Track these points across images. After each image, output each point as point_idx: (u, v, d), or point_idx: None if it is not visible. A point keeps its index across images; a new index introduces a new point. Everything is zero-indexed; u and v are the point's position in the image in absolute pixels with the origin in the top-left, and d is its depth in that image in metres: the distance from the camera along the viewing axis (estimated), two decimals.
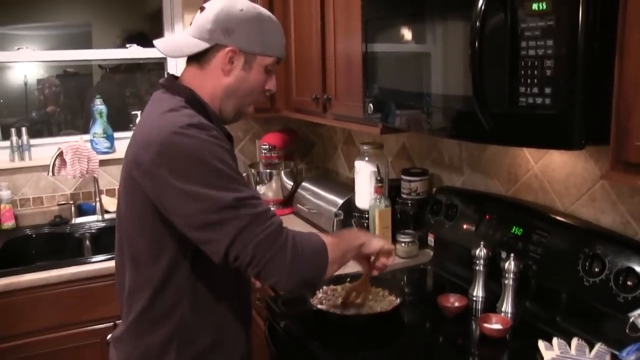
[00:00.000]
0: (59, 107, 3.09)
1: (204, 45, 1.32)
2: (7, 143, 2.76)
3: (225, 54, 1.32)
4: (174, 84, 1.37)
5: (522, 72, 1.17)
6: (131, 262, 1.34)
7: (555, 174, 1.74)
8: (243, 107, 1.42)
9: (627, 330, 1.25)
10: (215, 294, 1.36)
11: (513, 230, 1.74)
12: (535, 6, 1.13)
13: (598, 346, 1.37)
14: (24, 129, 2.75)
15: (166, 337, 1.33)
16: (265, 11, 1.38)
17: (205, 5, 1.36)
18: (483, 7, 1.19)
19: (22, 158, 2.77)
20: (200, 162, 1.18)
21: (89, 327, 2.28)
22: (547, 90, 1.13)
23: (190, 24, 1.38)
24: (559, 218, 1.66)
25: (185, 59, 1.40)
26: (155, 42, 1.41)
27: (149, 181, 1.22)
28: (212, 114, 1.35)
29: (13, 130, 2.73)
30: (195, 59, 1.36)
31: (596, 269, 1.46)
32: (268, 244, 1.20)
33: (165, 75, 1.47)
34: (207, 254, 1.24)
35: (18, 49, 2.84)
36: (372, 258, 1.59)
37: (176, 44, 1.42)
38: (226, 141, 1.29)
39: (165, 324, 1.32)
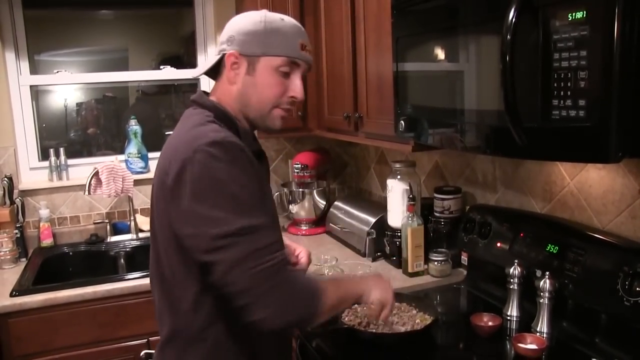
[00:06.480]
0: (99, 129, 3.18)
1: (214, 59, 1.36)
2: (46, 163, 2.85)
3: (228, 61, 1.32)
4: (202, 99, 1.37)
5: (555, 84, 1.15)
6: (160, 281, 1.32)
7: (592, 190, 1.70)
8: (266, 113, 1.34)
9: None
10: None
11: (548, 248, 1.70)
12: (568, 16, 1.10)
13: None
14: (62, 150, 2.83)
15: None
16: (274, 15, 1.33)
17: None
18: (514, 20, 1.18)
19: (60, 178, 2.85)
20: (217, 185, 1.15)
21: (122, 344, 2.30)
22: (581, 103, 1.10)
23: None
24: (596, 235, 1.61)
25: None
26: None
27: (169, 199, 1.20)
28: (240, 128, 1.32)
29: (52, 151, 2.81)
30: (212, 73, 1.40)
31: (637, 288, 1.41)
32: (264, 277, 1.15)
33: None
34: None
35: (57, 72, 2.93)
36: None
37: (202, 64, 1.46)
38: (253, 159, 1.24)
39: (198, 346, 1.28)
